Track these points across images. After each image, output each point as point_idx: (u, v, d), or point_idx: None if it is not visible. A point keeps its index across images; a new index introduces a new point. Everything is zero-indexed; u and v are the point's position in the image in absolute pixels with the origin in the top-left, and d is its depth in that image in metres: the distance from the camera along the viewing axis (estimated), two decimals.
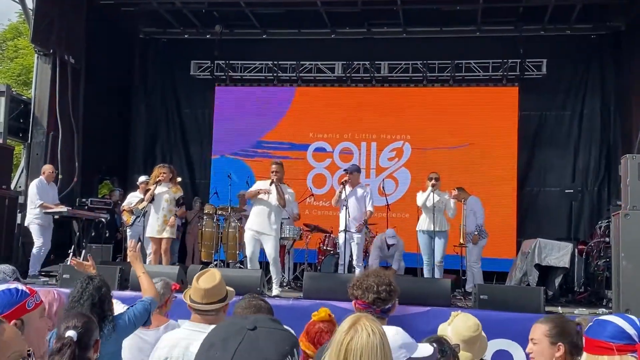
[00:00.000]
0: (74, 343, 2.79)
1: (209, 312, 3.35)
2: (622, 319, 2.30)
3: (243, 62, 14.08)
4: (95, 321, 3.12)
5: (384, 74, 13.64)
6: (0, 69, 24.90)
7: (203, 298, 3.35)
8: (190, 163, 14.50)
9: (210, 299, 3.36)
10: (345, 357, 1.88)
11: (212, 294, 3.36)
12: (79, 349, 2.81)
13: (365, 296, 3.10)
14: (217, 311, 3.37)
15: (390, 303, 3.12)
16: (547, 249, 9.10)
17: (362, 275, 3.25)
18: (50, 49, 11.57)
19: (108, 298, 3.68)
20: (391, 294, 3.11)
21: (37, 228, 9.71)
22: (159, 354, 3.30)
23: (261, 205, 8.54)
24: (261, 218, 8.51)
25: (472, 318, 3.61)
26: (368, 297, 3.09)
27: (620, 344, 2.24)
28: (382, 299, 3.07)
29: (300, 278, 10.09)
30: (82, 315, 3.06)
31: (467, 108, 13.27)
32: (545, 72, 12.87)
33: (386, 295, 3.08)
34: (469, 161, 12.98)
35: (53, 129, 11.58)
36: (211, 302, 3.36)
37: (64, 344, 2.78)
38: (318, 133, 13.77)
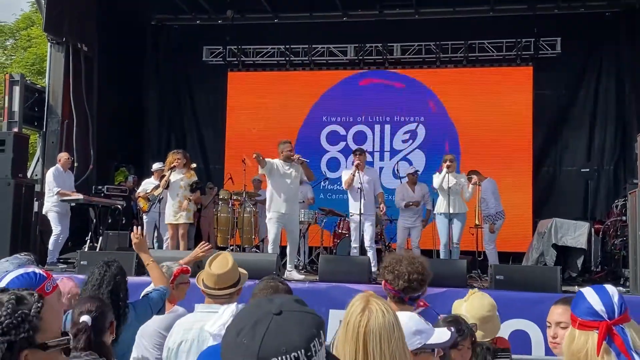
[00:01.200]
0: (88, 328, 2.81)
1: (222, 297, 3.36)
2: (595, 293, 2.11)
3: (255, 46, 14.06)
4: (109, 304, 3.14)
5: (397, 56, 13.57)
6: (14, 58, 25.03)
7: (216, 283, 3.36)
8: (203, 148, 14.52)
9: (223, 284, 3.37)
10: (365, 340, 1.88)
11: (225, 279, 3.37)
12: (94, 333, 2.82)
13: (395, 283, 3.07)
14: (230, 295, 3.38)
15: (420, 291, 3.10)
16: (563, 228, 9.07)
17: (395, 258, 3.19)
18: (63, 37, 11.60)
19: (126, 283, 3.70)
20: (422, 283, 3.08)
21: (55, 216, 9.79)
22: (174, 339, 3.33)
23: (285, 186, 8.54)
24: (288, 200, 8.54)
25: (488, 297, 3.61)
26: (398, 284, 3.06)
27: (585, 320, 2.08)
28: (413, 287, 3.05)
29: (316, 261, 10.12)
30: (95, 299, 3.07)
31: (481, 89, 13.19)
32: (560, 50, 12.74)
33: (417, 284, 3.05)
34: (483, 142, 12.90)
35: (68, 117, 11.64)
36: (224, 287, 3.37)
37: (79, 329, 2.80)
38: (331, 116, 13.74)
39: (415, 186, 10.26)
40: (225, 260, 3.43)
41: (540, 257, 9.30)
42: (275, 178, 8.54)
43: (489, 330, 3.52)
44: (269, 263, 7.76)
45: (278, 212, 8.49)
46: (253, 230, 11.16)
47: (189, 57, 14.63)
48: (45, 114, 11.65)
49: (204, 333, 3.09)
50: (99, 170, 12.38)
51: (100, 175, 12.45)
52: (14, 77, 11.36)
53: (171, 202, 9.25)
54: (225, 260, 3.43)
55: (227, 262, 3.41)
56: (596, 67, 13.11)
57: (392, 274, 3.08)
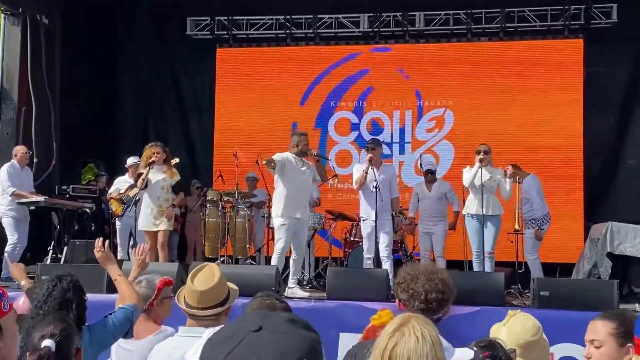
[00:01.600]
0: (52, 354, 2.81)
1: (206, 318, 3.33)
2: None
3: (249, 17, 14.07)
4: (75, 327, 3.14)
5: (420, 27, 13.56)
6: None
7: (199, 302, 3.33)
8: (189, 141, 14.54)
9: (208, 303, 3.34)
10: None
11: (210, 296, 3.34)
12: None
13: (411, 304, 3.07)
14: (216, 316, 3.35)
15: (440, 312, 3.09)
16: (621, 234, 9.02)
17: (409, 273, 3.18)
18: (19, 7, 11.62)
19: (81, 302, 3.70)
20: (442, 303, 3.07)
21: (10, 222, 9.81)
22: None
23: (300, 186, 8.62)
24: (302, 202, 8.65)
25: (532, 319, 3.60)
26: (414, 305, 3.05)
27: None
28: (431, 309, 3.04)
29: (323, 275, 10.12)
30: (60, 321, 3.07)
31: (522, 66, 13.16)
32: (616, 19, 12.70)
33: (437, 305, 3.04)
34: (524, 131, 12.88)
35: (25, 104, 11.66)
36: (208, 306, 3.34)
37: (41, 355, 2.80)
38: (341, 101, 13.74)
39: (433, 184, 10.28)
40: (211, 273, 3.40)
41: (594, 269, 9.26)
42: (289, 176, 8.54)
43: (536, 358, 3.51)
44: (266, 277, 7.76)
45: (292, 218, 8.52)
46: (247, 238, 11.18)
47: (169, 30, 14.66)
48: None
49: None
50: (63, 167, 12.40)
51: (64, 173, 12.48)
52: None
53: (150, 205, 9.22)
54: (211, 273, 3.40)
55: (212, 276, 3.38)
56: None
57: (407, 293, 3.08)
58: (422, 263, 7.33)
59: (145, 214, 9.22)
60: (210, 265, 3.54)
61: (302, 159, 8.70)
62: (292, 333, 1.41)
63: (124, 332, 3.88)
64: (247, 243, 11.19)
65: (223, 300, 3.40)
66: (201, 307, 3.33)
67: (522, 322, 3.55)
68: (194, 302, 3.35)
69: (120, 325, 3.85)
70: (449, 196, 10.29)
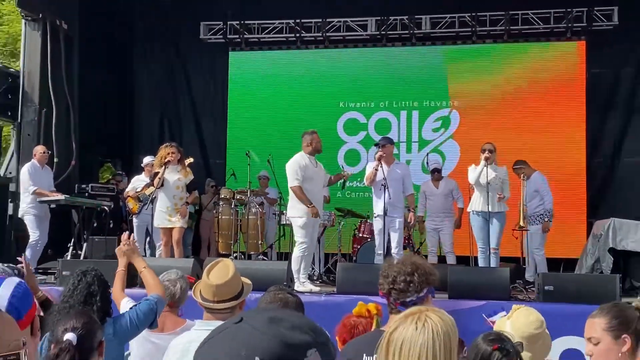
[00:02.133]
0: (72, 347, 2.80)
1: (221, 311, 3.34)
2: None
3: (260, 21, 14.06)
4: (97, 321, 3.14)
5: (426, 30, 13.52)
6: None
7: (215, 295, 3.34)
8: (202, 141, 14.56)
9: (223, 297, 3.34)
10: (387, 349, 1.89)
11: (225, 291, 3.35)
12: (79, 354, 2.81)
13: (382, 286, 3.13)
14: (231, 309, 3.36)
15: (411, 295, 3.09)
16: (623, 230, 8.98)
17: (389, 262, 3.25)
18: (40, 13, 11.66)
19: (105, 295, 3.71)
20: (410, 285, 3.08)
21: (32, 219, 9.85)
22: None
23: (317, 186, 8.66)
24: (319, 202, 8.68)
25: (535, 313, 3.59)
26: (384, 287, 3.10)
27: None
28: (397, 289, 3.06)
29: (333, 270, 10.12)
30: (82, 315, 3.06)
31: (525, 67, 13.12)
32: (617, 22, 12.63)
33: (405, 286, 3.05)
34: (528, 130, 12.84)
35: (46, 106, 11.70)
36: (223, 299, 3.35)
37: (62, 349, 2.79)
38: (349, 102, 13.73)
39: (440, 182, 10.30)
40: (226, 268, 3.41)
41: (596, 264, 9.22)
42: (307, 177, 8.53)
43: (538, 350, 3.50)
44: (278, 272, 7.77)
45: (315, 221, 8.58)
46: (259, 234, 11.18)
47: (184, 34, 14.67)
48: (20, 102, 11.73)
49: None
50: (82, 167, 12.44)
51: (83, 172, 12.52)
52: None
53: (166, 203, 9.24)
54: (226, 268, 3.41)
55: (227, 271, 3.39)
56: None
57: (382, 277, 3.14)
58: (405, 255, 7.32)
59: (161, 212, 9.24)
60: (225, 260, 3.55)
61: (315, 157, 8.69)
62: (264, 330, 1.36)
63: (148, 323, 3.89)
64: (259, 239, 11.20)
65: (237, 294, 3.40)
66: (216, 300, 3.34)
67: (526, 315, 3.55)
68: (209, 296, 3.35)
69: (145, 317, 3.85)
70: (454, 193, 10.31)
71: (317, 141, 8.69)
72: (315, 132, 8.84)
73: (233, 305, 3.37)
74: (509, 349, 3.11)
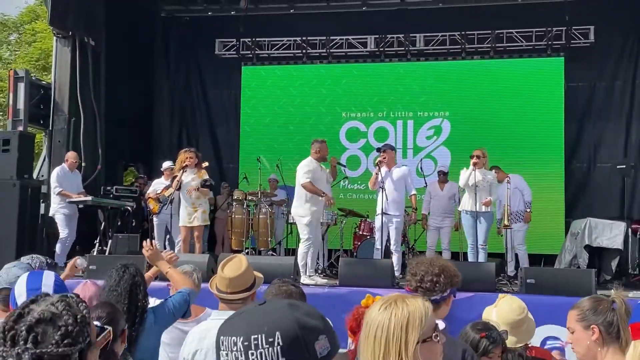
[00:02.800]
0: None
1: (235, 302, 3.36)
2: None
3: (270, 39, 14.10)
4: (120, 310, 3.16)
5: (420, 47, 13.54)
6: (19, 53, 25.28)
7: (228, 287, 3.36)
8: (217, 147, 14.59)
9: (236, 288, 3.37)
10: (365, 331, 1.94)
11: (238, 283, 3.37)
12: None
13: (410, 283, 3.12)
14: (244, 300, 3.37)
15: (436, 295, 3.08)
16: (598, 229, 9.00)
17: (417, 261, 3.23)
18: (69, 31, 11.70)
19: (144, 287, 3.74)
20: (437, 285, 3.07)
21: (62, 218, 9.89)
22: (188, 349, 3.34)
23: (321, 186, 8.63)
24: (321, 202, 8.66)
25: (517, 300, 3.63)
26: (412, 284, 3.10)
27: None
28: (424, 288, 3.05)
29: (335, 265, 10.13)
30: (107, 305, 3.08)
31: (510, 81, 13.13)
32: (593, 40, 12.64)
33: (431, 285, 3.05)
34: (512, 137, 12.84)
35: (74, 115, 11.73)
36: (236, 291, 3.37)
37: None
38: (351, 112, 13.75)
39: (445, 184, 10.33)
40: (239, 262, 3.43)
41: (574, 260, 9.24)
42: (314, 181, 8.55)
43: (522, 334, 3.52)
44: (286, 267, 7.79)
45: (315, 217, 8.60)
46: (269, 232, 11.20)
47: (200, 50, 14.72)
48: (52, 112, 11.76)
49: None
50: (107, 170, 12.47)
51: (108, 175, 12.54)
52: (18, 74, 11.43)
53: (185, 204, 9.31)
54: (239, 262, 3.43)
55: (240, 265, 3.41)
56: (632, 57, 12.99)
57: (410, 274, 3.14)
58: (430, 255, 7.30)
59: (183, 212, 9.34)
60: (239, 255, 3.57)
61: (321, 163, 8.72)
62: (285, 312, 1.43)
63: (182, 312, 3.91)
64: (268, 237, 11.21)
65: (250, 286, 3.42)
66: (230, 291, 3.36)
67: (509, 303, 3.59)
68: (223, 288, 3.38)
69: (180, 307, 3.88)
70: (456, 197, 10.29)
71: (324, 150, 8.74)
72: (324, 142, 8.85)
73: (245, 296, 3.39)
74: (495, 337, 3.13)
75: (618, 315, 2.74)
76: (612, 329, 2.75)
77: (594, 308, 2.83)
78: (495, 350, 3.15)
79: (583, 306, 2.87)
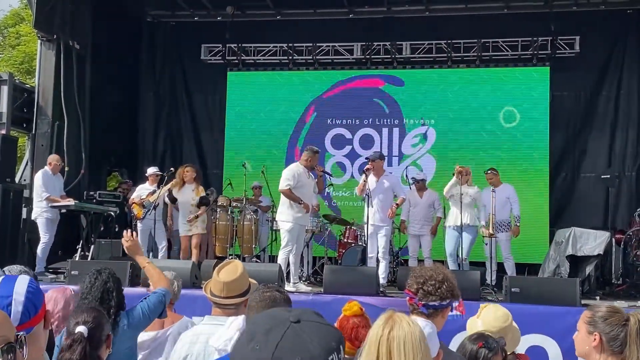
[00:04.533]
0: (84, 339, 2.80)
1: (228, 306, 3.36)
2: None
3: (256, 45, 14.08)
4: (106, 315, 3.14)
5: (406, 55, 13.57)
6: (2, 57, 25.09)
7: (222, 291, 3.36)
8: (202, 152, 14.54)
9: (230, 293, 3.37)
10: (389, 349, 1.89)
11: (233, 287, 3.37)
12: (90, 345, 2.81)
13: (410, 285, 3.10)
14: (237, 305, 3.38)
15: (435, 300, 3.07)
16: (582, 238, 9.04)
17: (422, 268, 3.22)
18: (54, 34, 11.64)
19: (119, 290, 3.70)
20: (438, 291, 3.05)
21: (44, 222, 9.78)
22: (179, 354, 3.32)
23: (306, 196, 8.60)
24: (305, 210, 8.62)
25: (501, 308, 3.62)
26: (412, 285, 3.08)
27: None
28: (425, 290, 3.04)
29: (320, 272, 10.11)
30: (92, 310, 3.06)
31: (495, 90, 13.20)
32: (579, 50, 12.73)
33: (433, 289, 3.04)
34: (497, 146, 12.90)
35: (58, 119, 11.66)
36: (231, 295, 3.37)
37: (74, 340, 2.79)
38: (336, 119, 13.75)
39: (424, 192, 10.29)
40: (235, 267, 3.44)
41: (557, 269, 9.28)
42: (298, 187, 8.54)
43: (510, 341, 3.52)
44: (270, 274, 7.75)
45: (299, 224, 8.56)
46: (253, 239, 11.16)
47: (186, 55, 14.67)
48: (35, 116, 11.68)
49: (209, 347, 3.09)
50: (91, 175, 12.39)
51: (92, 180, 12.46)
52: (1, 77, 11.35)
53: (184, 216, 9.74)
54: (235, 267, 3.44)
55: (236, 270, 3.42)
56: (617, 68, 13.09)
57: (412, 277, 3.11)
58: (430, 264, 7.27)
59: (182, 224, 9.75)
60: (235, 261, 3.60)
61: (308, 171, 8.71)
62: (324, 322, 1.40)
63: (158, 313, 3.87)
64: (253, 243, 11.16)
65: (244, 292, 3.42)
66: (224, 296, 3.36)
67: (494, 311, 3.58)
68: (218, 292, 3.38)
69: (155, 308, 3.83)
70: (436, 204, 10.28)
71: (314, 160, 8.74)
72: (317, 153, 8.86)
73: (239, 301, 3.39)
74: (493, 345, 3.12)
75: (628, 331, 2.75)
76: (615, 342, 2.77)
77: (605, 317, 2.86)
78: (495, 357, 3.14)
79: (597, 311, 2.90)
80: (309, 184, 8.68)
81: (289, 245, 8.47)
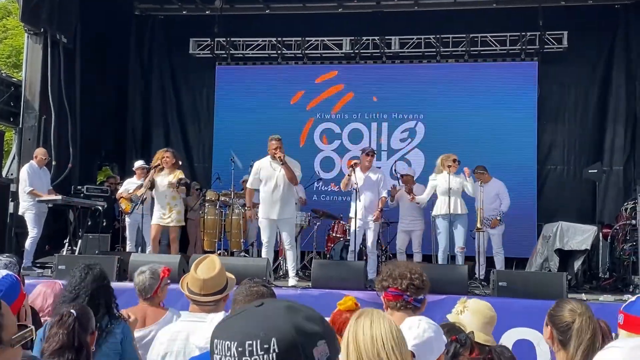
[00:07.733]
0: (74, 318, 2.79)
1: (207, 304, 3.31)
2: None
3: (245, 39, 14.02)
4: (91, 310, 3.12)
5: (395, 50, 13.54)
6: None
7: (201, 289, 3.30)
8: (190, 146, 14.50)
9: (209, 290, 3.31)
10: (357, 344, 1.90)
11: (211, 284, 3.32)
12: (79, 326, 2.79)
13: (397, 283, 3.07)
14: (216, 302, 3.33)
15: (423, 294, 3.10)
16: (569, 232, 9.07)
17: (390, 266, 3.22)
18: (41, 27, 11.56)
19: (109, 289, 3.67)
20: (424, 283, 3.09)
21: (32, 217, 9.74)
22: (157, 351, 3.27)
23: (271, 188, 8.44)
24: (275, 204, 8.42)
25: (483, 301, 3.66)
26: (402, 283, 3.06)
27: None
28: (415, 285, 3.05)
29: (308, 267, 10.10)
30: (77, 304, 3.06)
31: (484, 84, 13.21)
32: (567, 45, 12.72)
33: (420, 283, 3.06)
34: (485, 140, 12.91)
35: (46, 113, 11.59)
36: (209, 293, 3.31)
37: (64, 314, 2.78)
38: (325, 113, 13.73)
39: (413, 187, 10.28)
40: (212, 263, 3.37)
41: (545, 263, 9.31)
42: (263, 180, 8.49)
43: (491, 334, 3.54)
44: (258, 268, 7.74)
45: (268, 219, 8.44)
46: (242, 233, 11.14)
47: (175, 49, 14.60)
48: (22, 110, 11.62)
49: (190, 345, 3.07)
50: (81, 170, 12.34)
51: (82, 175, 12.42)
52: None
53: (158, 205, 9.31)
54: (212, 263, 3.37)
55: (214, 266, 3.35)
56: (605, 62, 13.13)
57: (392, 278, 3.10)
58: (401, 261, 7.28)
59: (157, 211, 9.30)
60: (212, 256, 3.51)
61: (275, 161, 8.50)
62: (282, 316, 1.38)
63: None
64: (241, 238, 11.15)
65: (222, 288, 3.37)
66: (203, 293, 3.30)
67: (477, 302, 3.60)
68: (196, 289, 3.32)
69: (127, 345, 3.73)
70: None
71: (273, 148, 8.46)
72: (273, 139, 8.56)
73: (218, 298, 3.34)
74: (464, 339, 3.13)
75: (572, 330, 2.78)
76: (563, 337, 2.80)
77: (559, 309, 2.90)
78: (465, 352, 3.14)
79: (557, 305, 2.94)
80: (273, 176, 8.44)
81: (264, 239, 8.49)
